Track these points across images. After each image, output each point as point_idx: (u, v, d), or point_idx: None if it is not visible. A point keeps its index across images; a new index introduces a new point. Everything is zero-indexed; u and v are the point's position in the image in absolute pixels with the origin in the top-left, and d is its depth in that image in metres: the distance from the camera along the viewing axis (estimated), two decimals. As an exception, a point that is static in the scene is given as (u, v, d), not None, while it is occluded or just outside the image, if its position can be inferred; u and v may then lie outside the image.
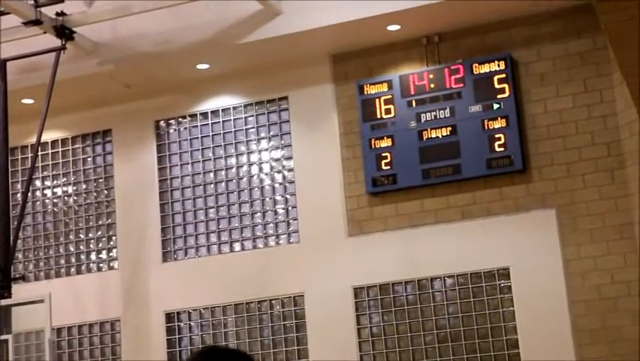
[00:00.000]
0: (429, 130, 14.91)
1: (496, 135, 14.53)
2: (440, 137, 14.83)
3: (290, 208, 16.01)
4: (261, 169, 16.36)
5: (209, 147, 16.68)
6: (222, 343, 15.79)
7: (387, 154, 15.03)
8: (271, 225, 16.14)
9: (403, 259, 14.92)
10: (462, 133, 14.69)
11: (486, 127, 14.60)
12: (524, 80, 14.73)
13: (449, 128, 14.79)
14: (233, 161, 16.52)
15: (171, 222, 16.63)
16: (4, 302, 14.60)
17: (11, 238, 14.99)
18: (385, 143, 15.08)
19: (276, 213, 16.15)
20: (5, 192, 15.28)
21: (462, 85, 14.80)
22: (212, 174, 16.59)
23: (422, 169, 14.84)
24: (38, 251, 17.42)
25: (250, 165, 16.42)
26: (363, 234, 15.26)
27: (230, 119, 16.62)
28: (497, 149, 14.49)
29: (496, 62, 14.63)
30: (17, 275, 15.57)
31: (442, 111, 14.86)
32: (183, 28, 15.47)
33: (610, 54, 13.67)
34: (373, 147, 15.14)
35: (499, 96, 14.64)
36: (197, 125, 16.79)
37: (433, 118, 14.92)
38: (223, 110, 16.63)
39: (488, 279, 14.62)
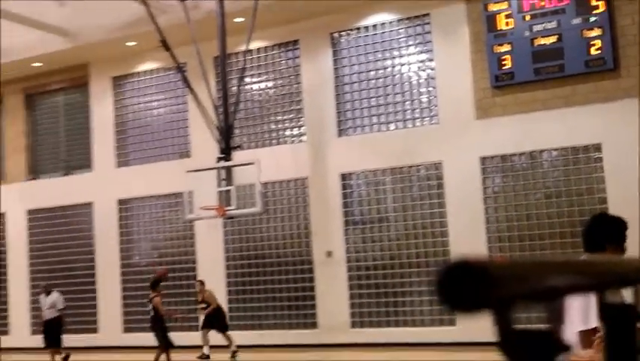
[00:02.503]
0: (539, 38, 15.40)
1: (593, 42, 14.92)
2: (548, 43, 15.30)
3: (432, 98, 16.84)
4: (409, 69, 17.18)
5: (372, 52, 17.51)
6: (382, 197, 17.26)
7: (507, 57, 15.65)
8: (417, 110, 17.06)
9: (518, 136, 15.62)
10: (566, 40, 15.15)
11: (585, 35, 15.01)
12: (617, -2, 14.92)
13: (556, 37, 15.26)
14: (389, 62, 17.38)
15: (343, 109, 17.74)
16: (227, 164, 16.13)
17: (230, 119, 16.59)
18: (505, 48, 15.68)
19: (421, 102, 17.02)
20: (224, 86, 16.75)
21: (566, 2, 15.17)
22: (373, 73, 17.51)
23: (534, 68, 15.42)
24: (249, 128, 18.80)
25: (402, 65, 17.25)
26: (488, 117, 16.04)
27: (386, 31, 17.40)
28: (593, 52, 14.91)
29: (594, -16, 14.88)
30: (235, 145, 16.81)
31: (550, 23, 15.32)
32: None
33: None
34: (496, 51, 15.76)
35: (595, 11, 14.96)
36: (361, 36, 17.64)
37: (543, 29, 15.38)
38: (382, 24, 17.42)
39: (584, 152, 15.26)
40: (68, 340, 19.07)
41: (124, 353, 18.16)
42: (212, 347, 16.29)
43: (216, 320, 16.35)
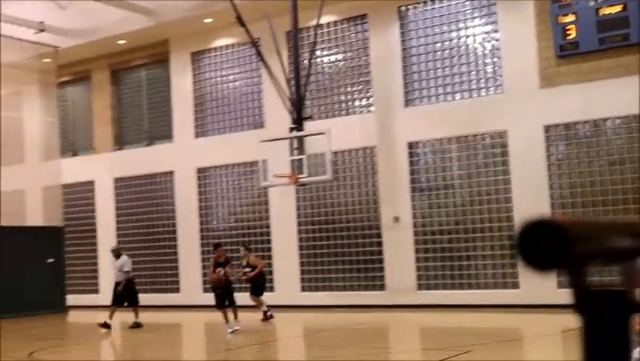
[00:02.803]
0: (604, 7, 14.96)
1: (658, 10, 14.35)
2: (613, 13, 14.85)
3: (497, 68, 16.60)
4: (475, 40, 16.93)
5: (438, 25, 17.30)
6: (447, 165, 17.09)
7: (572, 27, 15.25)
8: (483, 80, 16.82)
9: (582, 104, 15.32)
10: (630, 9, 14.67)
11: (651, 4, 14.45)
12: (683, -34, 14.33)
13: (621, 6, 14.79)
14: (454, 34, 17.17)
15: (410, 80, 17.63)
16: (299, 134, 16.24)
17: (302, 91, 16.62)
18: (570, 18, 15.27)
19: (486, 72, 16.79)
20: (296, 59, 16.81)
21: (632, -29, 14.64)
22: (439, 44, 17.33)
23: (599, 37, 15.00)
24: (320, 100, 18.84)
25: (467, 36, 17.01)
26: (552, 86, 15.72)
27: (452, 4, 17.15)
28: (659, 21, 14.36)
29: (660, -47, 14.30)
30: (307, 116, 16.90)
31: (616, -8, 14.83)
32: None
33: None
34: (560, 22, 15.37)
35: (661, -20, 14.40)
36: (428, 9, 17.45)
37: (608, -2, 14.93)
38: (447, -4, 17.24)
39: (647, 119, 14.78)
40: (152, 299, 19.66)
41: (203, 312, 18.55)
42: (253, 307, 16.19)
43: (257, 284, 16.11)
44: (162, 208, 21.35)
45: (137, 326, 15.90)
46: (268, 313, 15.85)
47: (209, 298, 18.98)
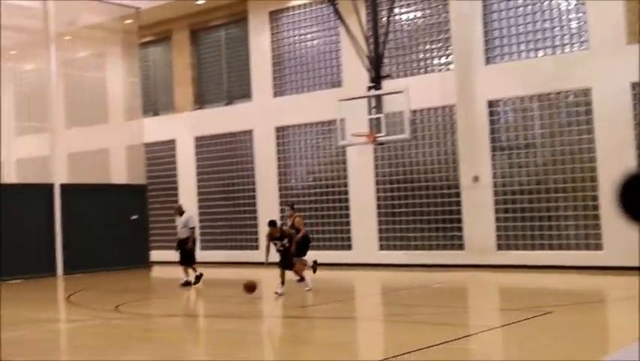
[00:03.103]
0: None
1: None
2: None
3: (582, 24, 16.15)
4: None
5: None
6: (529, 123, 16.79)
7: None
8: (567, 36, 16.37)
9: None
10: None
11: None
12: None
13: None
14: None
15: (491, 36, 17.32)
16: (377, 92, 16.29)
17: (380, 49, 16.63)
18: None
19: (570, 27, 16.34)
20: (374, 17, 16.80)
21: None
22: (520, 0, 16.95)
23: None
24: (398, 58, 18.76)
25: None
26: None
27: None
28: None
29: None
30: (385, 74, 16.96)
31: None
32: None
33: None
34: None
35: None
36: None
37: (703, -53, 14.35)
38: (531, -50, 16.65)
39: None
40: (232, 256, 20.01)
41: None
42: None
43: (301, 246, 15.62)
44: (242, 167, 21.70)
45: (198, 279, 15.95)
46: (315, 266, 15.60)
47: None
